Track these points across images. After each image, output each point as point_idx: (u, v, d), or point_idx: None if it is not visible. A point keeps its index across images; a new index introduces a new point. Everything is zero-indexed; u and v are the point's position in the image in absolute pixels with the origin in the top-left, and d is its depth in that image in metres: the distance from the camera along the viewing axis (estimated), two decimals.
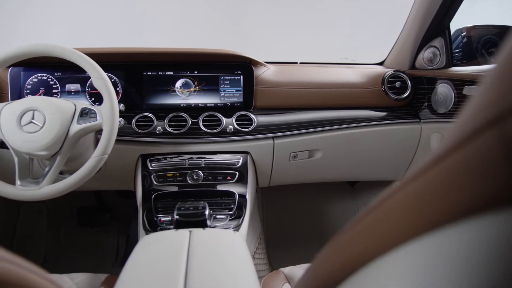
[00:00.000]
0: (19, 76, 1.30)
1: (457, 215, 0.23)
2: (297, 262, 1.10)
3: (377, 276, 0.30)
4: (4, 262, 0.34)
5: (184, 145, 1.30)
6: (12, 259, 0.36)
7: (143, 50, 1.32)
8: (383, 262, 0.30)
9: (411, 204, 0.27)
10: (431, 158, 0.26)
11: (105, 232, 1.88)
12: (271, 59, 1.52)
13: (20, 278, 0.36)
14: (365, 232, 0.34)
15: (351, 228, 0.36)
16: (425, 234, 0.25)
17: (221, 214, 1.16)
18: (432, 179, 0.25)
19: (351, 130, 1.40)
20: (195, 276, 0.67)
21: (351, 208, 1.97)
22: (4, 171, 1.16)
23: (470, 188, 0.22)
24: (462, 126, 0.24)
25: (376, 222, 0.32)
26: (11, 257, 0.36)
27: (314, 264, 0.47)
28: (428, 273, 0.25)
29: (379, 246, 0.31)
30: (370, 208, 0.33)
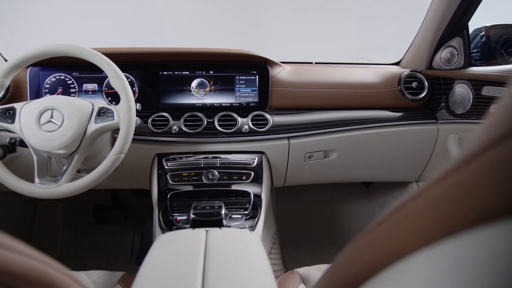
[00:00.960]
0: (38, 76, 1.32)
1: (476, 221, 0.23)
2: (311, 263, 1.09)
3: (398, 279, 0.30)
4: (31, 259, 0.35)
5: (200, 145, 1.31)
6: (38, 257, 0.36)
7: (159, 50, 1.33)
8: (404, 265, 0.30)
9: (431, 209, 0.27)
10: (451, 164, 0.26)
11: (120, 230, 1.90)
12: (286, 59, 1.52)
13: (45, 275, 0.36)
14: (386, 235, 0.34)
15: (372, 230, 0.36)
16: (444, 239, 0.26)
17: (237, 214, 1.17)
18: (453, 185, 0.25)
19: (367, 130, 1.39)
20: (212, 275, 0.67)
21: (365, 209, 1.95)
22: (23, 169, 1.18)
23: (489, 195, 0.22)
24: (485, 133, 0.24)
25: (396, 226, 0.32)
26: (37, 254, 0.36)
27: (334, 264, 0.47)
28: (446, 278, 0.25)
29: (399, 249, 0.31)
30: (391, 211, 0.33)
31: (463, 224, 0.24)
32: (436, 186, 0.27)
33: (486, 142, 0.23)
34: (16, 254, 0.33)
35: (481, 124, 0.25)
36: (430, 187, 0.28)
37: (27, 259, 0.34)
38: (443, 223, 0.26)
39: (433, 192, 0.28)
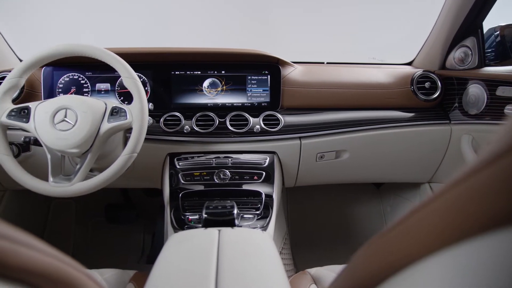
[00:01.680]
0: (52, 76, 1.33)
1: (490, 226, 0.23)
2: (322, 263, 1.09)
3: (413, 282, 0.30)
4: (49, 257, 0.35)
5: (211, 144, 1.31)
6: (56, 254, 0.37)
7: (172, 50, 1.34)
8: (418, 268, 0.30)
9: (445, 213, 0.28)
10: (466, 169, 0.26)
11: (131, 229, 1.91)
12: (298, 59, 1.51)
13: (63, 272, 0.37)
14: (401, 237, 0.34)
15: (387, 232, 0.36)
16: (458, 243, 0.26)
17: (248, 214, 1.17)
18: (467, 190, 0.26)
19: (379, 131, 1.39)
20: (225, 275, 0.68)
21: (376, 210, 1.94)
22: (37, 168, 1.19)
23: (503, 201, 0.22)
24: (499, 140, 0.24)
25: (411, 229, 0.32)
26: (55, 252, 0.37)
27: (349, 265, 0.47)
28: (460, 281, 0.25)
29: (414, 252, 0.31)
30: (406, 214, 0.33)
31: (477, 229, 0.24)
32: (451, 191, 0.28)
33: (501, 149, 0.23)
34: (34, 252, 0.33)
35: (496, 129, 0.26)
36: (445, 191, 0.28)
37: (45, 257, 0.34)
38: (457, 227, 0.26)
39: (448, 196, 0.28)
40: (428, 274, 0.29)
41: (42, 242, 0.36)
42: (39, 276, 0.33)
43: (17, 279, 0.31)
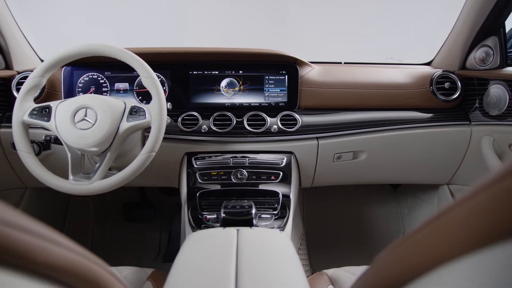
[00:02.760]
0: (72, 75, 1.35)
1: None
2: (338, 264, 1.08)
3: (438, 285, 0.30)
4: (75, 254, 0.35)
5: (229, 144, 1.32)
6: (82, 252, 0.37)
7: (190, 49, 1.34)
8: (444, 272, 0.30)
9: (473, 217, 0.27)
10: (495, 173, 0.26)
11: (147, 228, 1.93)
12: (315, 59, 1.51)
13: (88, 270, 0.37)
14: (427, 241, 0.34)
15: (413, 234, 0.36)
16: (485, 247, 0.26)
17: (266, 214, 1.17)
18: (497, 194, 0.25)
19: (397, 131, 1.37)
20: (245, 275, 0.67)
21: (393, 211, 1.92)
22: (57, 166, 1.21)
23: None
24: None
25: (437, 232, 0.32)
26: (81, 249, 0.37)
27: (373, 266, 0.46)
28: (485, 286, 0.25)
29: (440, 255, 0.31)
30: (432, 218, 0.33)
31: (505, 234, 0.24)
32: (479, 195, 0.27)
33: None
34: (62, 249, 0.33)
35: None
36: (473, 195, 0.28)
37: (72, 254, 0.35)
38: (485, 231, 0.26)
39: (476, 200, 0.28)
40: (454, 278, 0.29)
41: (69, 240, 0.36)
42: (66, 272, 0.34)
43: (44, 275, 0.31)
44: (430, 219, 0.33)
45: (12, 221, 0.28)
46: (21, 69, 1.40)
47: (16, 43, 1.40)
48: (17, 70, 1.40)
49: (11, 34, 1.37)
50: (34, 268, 0.30)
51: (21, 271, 0.28)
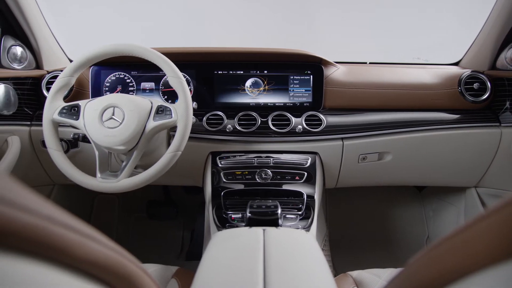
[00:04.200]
0: (99, 75, 1.37)
1: None
2: (361, 266, 1.07)
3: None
4: (111, 250, 0.36)
5: (253, 144, 1.32)
6: (117, 249, 0.37)
7: (215, 49, 1.35)
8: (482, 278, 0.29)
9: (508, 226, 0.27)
10: None
11: (171, 226, 1.95)
12: (339, 59, 1.50)
13: (123, 267, 0.38)
14: (465, 245, 0.33)
15: (450, 238, 0.35)
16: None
17: (291, 214, 1.16)
18: None
19: (424, 132, 1.35)
20: (273, 275, 0.67)
21: (418, 214, 1.89)
22: (84, 164, 1.23)
23: None
24: None
25: (476, 237, 0.31)
26: (116, 246, 0.38)
27: (406, 270, 0.46)
28: None
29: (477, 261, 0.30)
30: (472, 221, 0.32)
31: None
32: None
33: None
34: (99, 245, 0.34)
35: None
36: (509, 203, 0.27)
37: (108, 250, 0.35)
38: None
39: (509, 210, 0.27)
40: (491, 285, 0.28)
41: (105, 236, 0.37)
42: (103, 268, 0.34)
43: (82, 271, 0.31)
44: (468, 223, 0.33)
45: (54, 217, 0.28)
46: (50, 69, 1.44)
47: (46, 44, 1.43)
48: (47, 69, 1.43)
49: (42, 35, 1.40)
50: (73, 264, 0.30)
51: (61, 266, 0.29)
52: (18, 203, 0.24)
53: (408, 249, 1.83)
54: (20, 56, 1.37)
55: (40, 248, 0.26)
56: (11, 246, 0.24)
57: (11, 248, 0.24)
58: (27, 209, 0.25)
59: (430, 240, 1.83)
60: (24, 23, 1.33)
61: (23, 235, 0.25)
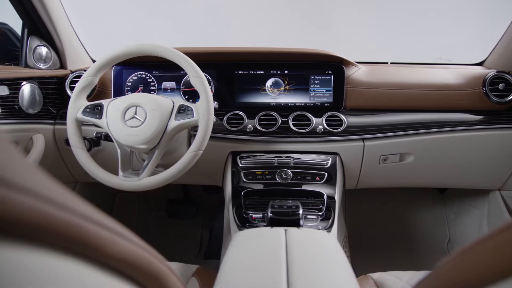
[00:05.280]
0: (121, 74, 1.39)
1: None
2: (380, 268, 1.06)
3: None
4: (140, 248, 0.36)
5: (274, 144, 1.32)
6: (144, 246, 0.38)
7: (236, 49, 1.35)
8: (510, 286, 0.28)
9: None
10: None
11: (189, 225, 1.96)
12: (360, 59, 1.48)
13: (151, 264, 0.38)
14: (499, 248, 0.32)
15: (484, 241, 0.35)
16: None
17: (312, 215, 1.16)
18: None
19: (446, 133, 1.33)
20: (296, 275, 0.67)
21: (439, 216, 1.86)
22: (106, 162, 1.24)
23: None
24: None
25: (504, 244, 0.31)
26: (143, 243, 0.38)
27: (435, 273, 0.45)
28: None
29: (505, 268, 0.29)
30: (500, 228, 0.32)
31: None
32: None
33: None
34: (129, 242, 0.34)
35: None
36: None
37: (137, 248, 0.35)
38: None
39: None
40: None
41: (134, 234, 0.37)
42: (132, 266, 0.34)
43: (112, 268, 0.32)
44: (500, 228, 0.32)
45: (88, 214, 0.29)
46: (74, 69, 1.46)
47: (70, 44, 1.46)
48: (70, 69, 1.46)
49: (66, 35, 1.43)
50: (105, 261, 0.30)
51: (94, 263, 0.29)
52: (54, 200, 0.25)
53: (428, 252, 1.80)
54: (45, 56, 1.40)
55: (75, 245, 0.27)
56: (49, 243, 0.25)
57: (49, 246, 0.25)
58: (64, 206, 0.25)
59: (451, 243, 1.80)
60: (50, 24, 1.35)
61: (60, 232, 0.25)
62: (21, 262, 0.22)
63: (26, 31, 1.38)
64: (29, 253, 0.23)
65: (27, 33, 1.37)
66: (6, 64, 1.44)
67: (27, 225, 0.22)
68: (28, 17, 1.33)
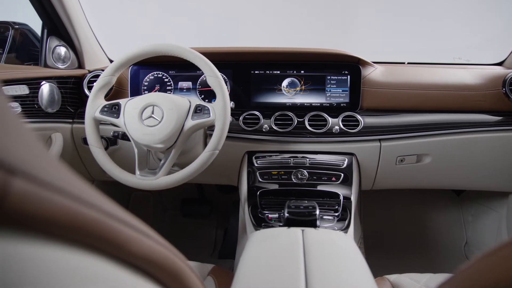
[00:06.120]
0: (138, 74, 1.40)
1: None
2: (396, 270, 1.05)
3: None
4: (162, 247, 0.36)
5: (289, 144, 1.31)
6: (166, 244, 0.38)
7: (252, 49, 1.35)
8: None
9: None
10: None
11: (204, 224, 1.97)
12: (376, 59, 1.47)
13: (172, 263, 0.38)
14: None
15: (507, 245, 0.34)
16: None
17: (328, 215, 1.15)
18: None
19: (465, 135, 1.31)
20: (315, 275, 0.67)
21: (455, 218, 1.84)
22: (123, 161, 1.26)
23: None
24: None
25: None
26: (165, 242, 0.38)
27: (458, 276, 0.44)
28: None
29: None
30: None
31: None
32: None
33: None
34: (152, 241, 0.34)
35: None
36: None
37: (159, 246, 0.36)
38: None
39: None
40: None
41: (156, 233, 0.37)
42: (154, 264, 0.35)
43: (135, 266, 0.32)
44: None
45: (113, 212, 0.29)
46: (91, 68, 1.48)
47: (88, 44, 1.47)
48: (88, 69, 1.47)
49: (84, 36, 1.44)
50: (128, 259, 0.31)
51: (116, 261, 0.29)
52: (82, 198, 0.25)
53: (445, 255, 1.78)
54: (64, 56, 1.42)
55: (100, 243, 0.27)
56: (75, 241, 0.25)
57: (75, 243, 0.25)
58: (91, 204, 0.26)
59: (468, 246, 1.77)
60: (69, 24, 1.37)
61: (87, 230, 0.25)
62: (48, 259, 0.23)
63: (46, 32, 1.40)
64: (56, 250, 0.23)
65: (47, 34, 1.39)
66: (26, 64, 1.47)
67: (56, 223, 0.22)
68: (48, 18, 1.35)
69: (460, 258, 1.76)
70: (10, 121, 0.22)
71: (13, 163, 0.19)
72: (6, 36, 1.52)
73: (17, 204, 0.19)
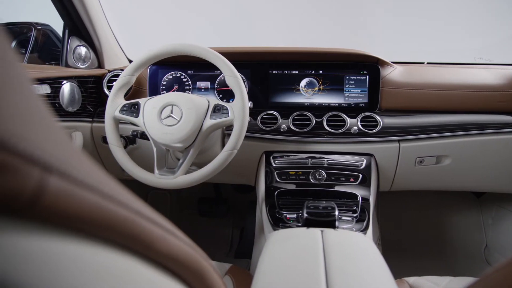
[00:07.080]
0: (157, 74, 1.41)
1: None
2: (414, 272, 1.04)
3: None
4: (187, 246, 0.36)
5: (307, 144, 1.31)
6: (191, 244, 0.38)
7: (270, 49, 1.35)
8: None
9: None
10: None
11: (220, 223, 1.97)
12: (395, 59, 1.46)
13: (197, 262, 0.38)
14: None
15: None
16: None
17: (347, 216, 1.14)
18: None
19: (486, 136, 1.29)
20: (336, 277, 0.66)
21: (475, 221, 1.81)
22: (141, 160, 1.26)
23: None
24: None
25: None
26: (190, 241, 0.38)
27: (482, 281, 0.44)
28: None
29: None
30: None
31: None
32: None
33: None
34: (178, 240, 0.34)
35: None
36: None
37: (185, 246, 0.36)
38: None
39: None
40: None
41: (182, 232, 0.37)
42: (180, 263, 0.35)
43: (161, 265, 0.32)
44: None
45: (142, 211, 0.29)
46: (111, 68, 1.50)
47: (108, 44, 1.49)
48: (107, 69, 1.49)
49: (104, 36, 1.46)
50: (155, 257, 0.31)
51: (143, 259, 0.29)
52: (113, 196, 0.25)
53: (464, 258, 1.75)
54: (84, 56, 1.44)
55: (129, 241, 0.27)
56: (105, 239, 0.25)
57: (105, 241, 0.25)
58: (121, 202, 0.26)
59: (488, 249, 1.74)
60: (89, 25, 1.39)
61: (118, 228, 0.25)
62: (80, 256, 0.23)
63: (67, 32, 1.42)
64: (88, 248, 0.23)
65: (68, 34, 1.42)
66: (48, 64, 1.49)
67: (89, 221, 0.23)
68: (70, 19, 1.37)
69: (480, 261, 1.73)
70: (44, 119, 0.23)
71: (48, 161, 0.20)
72: (29, 36, 1.55)
73: (53, 202, 0.20)
